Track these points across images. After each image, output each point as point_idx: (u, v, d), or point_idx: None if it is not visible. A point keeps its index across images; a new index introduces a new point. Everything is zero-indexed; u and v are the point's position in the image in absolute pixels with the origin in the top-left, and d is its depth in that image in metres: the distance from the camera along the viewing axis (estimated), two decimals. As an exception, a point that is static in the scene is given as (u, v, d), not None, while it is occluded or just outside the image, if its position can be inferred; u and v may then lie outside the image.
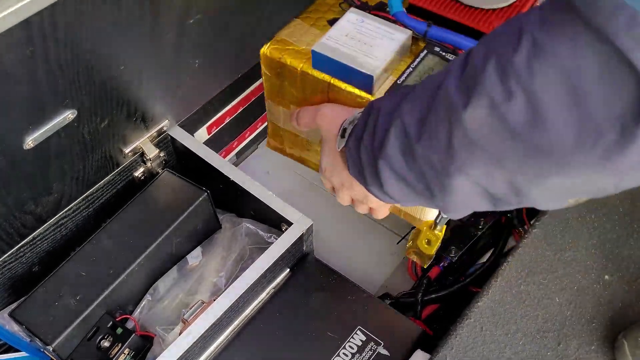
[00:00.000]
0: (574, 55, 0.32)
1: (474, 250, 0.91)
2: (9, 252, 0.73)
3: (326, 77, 0.64)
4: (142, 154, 0.82)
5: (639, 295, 0.75)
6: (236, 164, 1.13)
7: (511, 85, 0.34)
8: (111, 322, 0.71)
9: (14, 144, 0.60)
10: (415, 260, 0.70)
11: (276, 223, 0.78)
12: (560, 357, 0.70)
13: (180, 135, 0.85)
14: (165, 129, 0.83)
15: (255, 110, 1.07)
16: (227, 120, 1.00)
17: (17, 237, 0.73)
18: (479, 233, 0.90)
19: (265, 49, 0.67)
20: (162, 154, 0.85)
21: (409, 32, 0.64)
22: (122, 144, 0.78)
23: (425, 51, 0.64)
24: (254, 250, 0.80)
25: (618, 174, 0.34)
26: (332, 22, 0.69)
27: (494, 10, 0.63)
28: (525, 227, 0.89)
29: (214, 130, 0.98)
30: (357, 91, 0.63)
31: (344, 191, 0.62)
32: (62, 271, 0.73)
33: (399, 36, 0.63)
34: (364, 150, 0.50)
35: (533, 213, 0.88)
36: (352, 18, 0.66)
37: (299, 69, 0.65)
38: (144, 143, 0.81)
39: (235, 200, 0.82)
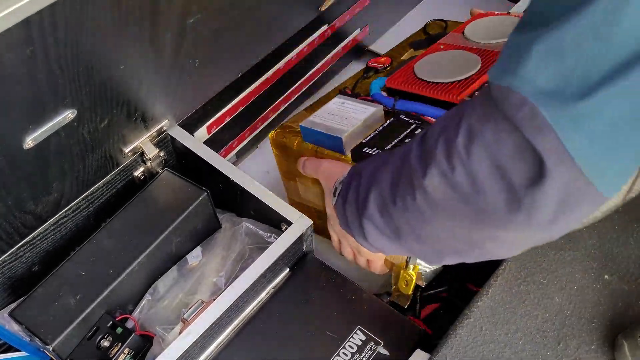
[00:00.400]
0: (496, 140, 0.40)
1: (474, 250, 0.91)
2: (9, 252, 0.73)
3: (313, 147, 0.77)
4: (142, 154, 0.82)
5: (639, 295, 0.75)
6: (236, 164, 1.13)
7: (454, 162, 0.43)
8: (111, 322, 0.71)
9: (14, 144, 0.60)
10: (399, 302, 0.76)
11: (276, 223, 0.78)
12: (560, 357, 0.70)
13: (180, 135, 0.85)
14: (165, 128, 0.83)
15: (255, 110, 1.07)
16: (227, 120, 1.00)
17: (17, 236, 0.73)
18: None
19: (272, 133, 0.84)
20: (162, 154, 0.85)
21: (380, 106, 0.78)
22: (122, 144, 0.78)
23: (392, 119, 0.77)
24: (254, 250, 0.80)
25: (546, 229, 0.42)
26: None
27: (448, 83, 0.78)
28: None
29: (214, 130, 0.98)
30: (336, 154, 0.75)
31: (345, 240, 0.72)
32: (62, 271, 0.73)
33: (370, 109, 0.77)
34: (349, 208, 0.59)
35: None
36: (337, 101, 0.81)
37: (295, 144, 0.80)
38: (144, 143, 0.81)
39: (235, 200, 0.82)
